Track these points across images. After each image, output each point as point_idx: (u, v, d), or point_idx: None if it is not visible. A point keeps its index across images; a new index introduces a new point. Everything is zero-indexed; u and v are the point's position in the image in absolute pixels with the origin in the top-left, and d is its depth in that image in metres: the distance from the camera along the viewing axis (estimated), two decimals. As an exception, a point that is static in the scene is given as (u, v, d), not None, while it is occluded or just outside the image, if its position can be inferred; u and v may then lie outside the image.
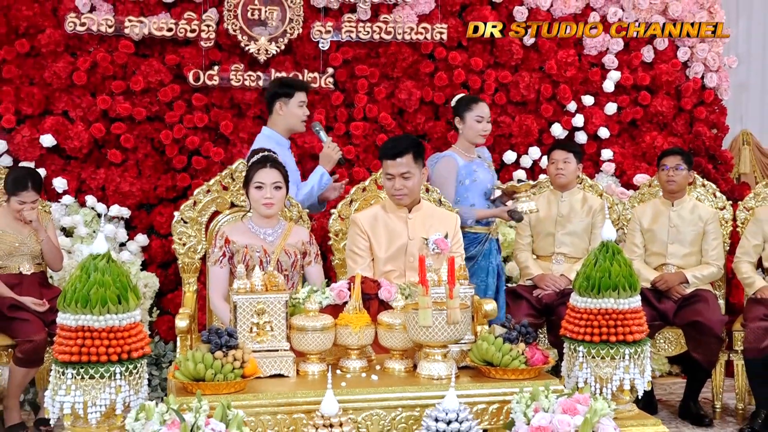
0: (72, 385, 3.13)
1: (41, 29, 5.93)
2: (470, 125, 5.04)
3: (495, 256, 5.15)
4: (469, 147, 5.15)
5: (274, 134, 5.11)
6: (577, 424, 3.13)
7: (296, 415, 3.28)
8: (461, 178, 5.06)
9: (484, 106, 5.13)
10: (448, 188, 5.00)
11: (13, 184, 5.10)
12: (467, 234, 4.89)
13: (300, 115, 5.13)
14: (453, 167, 5.05)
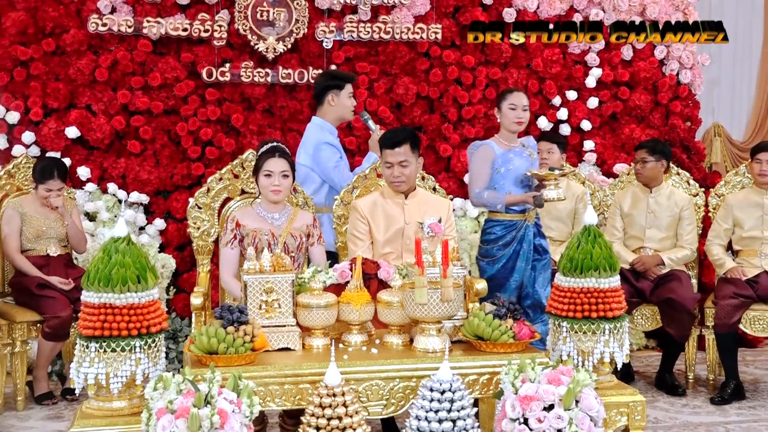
0: (95, 357, 3.13)
1: (66, 29, 5.92)
2: (505, 113, 4.81)
3: (530, 241, 4.81)
4: (510, 136, 4.88)
5: (325, 123, 5.11)
6: (560, 394, 3.14)
7: (302, 385, 3.29)
8: (497, 165, 4.81)
9: (517, 96, 4.85)
10: (481, 175, 4.82)
11: (40, 173, 5.12)
12: (503, 221, 4.79)
13: (349, 105, 5.15)
14: (489, 155, 4.82)
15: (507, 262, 4.75)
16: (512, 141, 4.88)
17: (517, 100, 4.80)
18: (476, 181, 4.82)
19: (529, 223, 4.81)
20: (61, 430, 4.53)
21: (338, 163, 5.03)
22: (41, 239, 5.15)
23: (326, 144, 5.01)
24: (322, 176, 5.01)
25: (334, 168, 5.00)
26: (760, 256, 5.26)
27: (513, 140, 4.89)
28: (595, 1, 6.69)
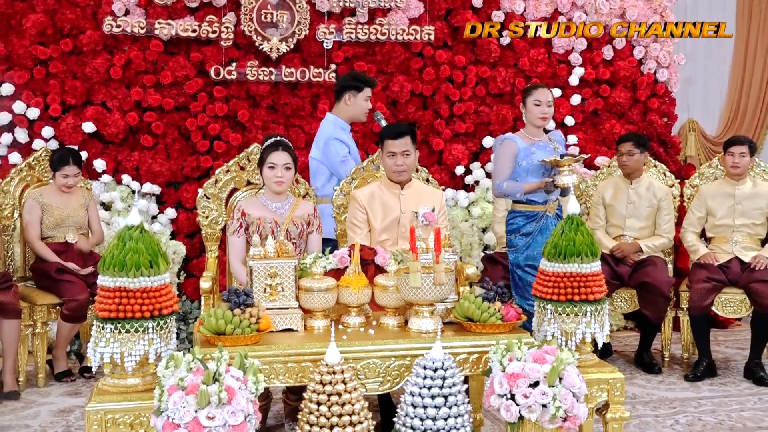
0: (111, 338, 3.13)
1: (83, 30, 5.90)
2: (530, 109, 4.74)
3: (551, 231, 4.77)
4: (534, 130, 4.82)
5: (338, 120, 5.10)
6: (545, 371, 3.14)
7: (304, 363, 3.29)
8: (519, 159, 4.73)
9: (542, 92, 4.77)
10: (504, 168, 4.76)
11: (57, 161, 5.15)
12: (524, 212, 4.74)
13: (364, 107, 5.13)
14: (511, 150, 4.76)
15: (526, 251, 4.70)
16: (537, 135, 4.80)
17: (541, 96, 4.74)
18: (498, 173, 4.74)
19: (549, 214, 4.72)
20: (79, 405, 4.54)
21: (345, 158, 5.01)
22: (60, 227, 5.15)
23: (336, 140, 5.00)
24: (330, 169, 5.03)
25: (341, 162, 4.99)
26: (731, 243, 5.27)
27: (538, 134, 4.81)
28: (578, 4, 6.68)
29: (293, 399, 4.14)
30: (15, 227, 5.25)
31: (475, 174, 6.48)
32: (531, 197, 4.73)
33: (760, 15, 7.96)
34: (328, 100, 6.23)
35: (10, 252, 5.25)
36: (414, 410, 3.13)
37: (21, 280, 5.21)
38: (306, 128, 6.21)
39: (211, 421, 2.86)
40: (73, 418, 4.37)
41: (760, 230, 5.30)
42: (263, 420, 4.01)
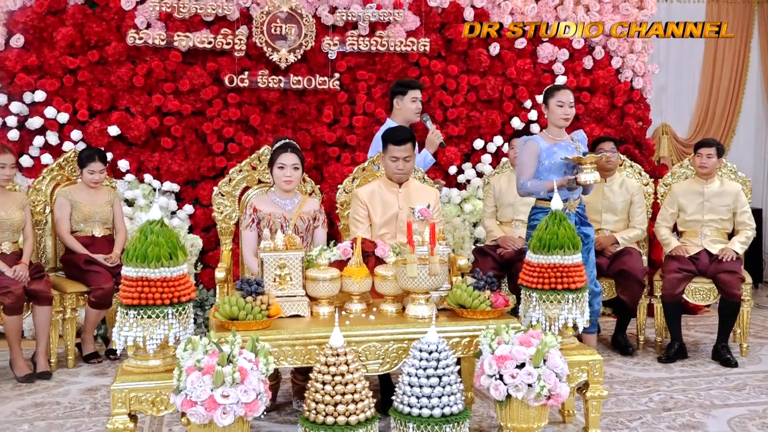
0: (134, 323, 3.13)
1: (108, 42, 5.89)
2: (552, 109, 4.45)
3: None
4: (556, 131, 4.51)
5: (392, 123, 5.00)
6: (531, 354, 3.15)
7: (310, 346, 3.30)
8: (542, 159, 4.45)
9: (564, 93, 4.46)
10: (526, 168, 4.48)
11: (84, 158, 5.18)
12: (545, 208, 4.30)
13: (413, 108, 5.04)
14: (534, 150, 4.47)
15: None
16: (559, 135, 4.53)
17: (564, 97, 4.45)
18: (522, 173, 4.48)
19: (569, 212, 4.44)
20: (105, 385, 4.54)
21: None
22: (88, 222, 5.15)
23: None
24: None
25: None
26: (701, 237, 5.26)
27: (560, 134, 4.53)
28: (561, 18, 6.65)
29: (300, 379, 4.14)
30: (47, 222, 5.25)
31: (466, 173, 6.47)
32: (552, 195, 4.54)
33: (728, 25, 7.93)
34: (332, 105, 6.24)
35: (42, 244, 5.25)
36: (411, 389, 3.14)
37: (52, 270, 5.21)
38: (312, 131, 6.20)
39: (225, 399, 2.86)
40: (99, 396, 4.37)
41: (726, 225, 5.30)
42: (273, 398, 4.01)
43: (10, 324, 4.61)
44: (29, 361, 4.77)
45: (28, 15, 5.74)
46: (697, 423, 3.94)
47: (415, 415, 3.09)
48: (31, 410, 4.15)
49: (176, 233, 3.30)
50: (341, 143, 6.30)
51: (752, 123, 8.21)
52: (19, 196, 4.96)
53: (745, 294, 5.14)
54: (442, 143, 5.06)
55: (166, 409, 3.17)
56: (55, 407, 4.20)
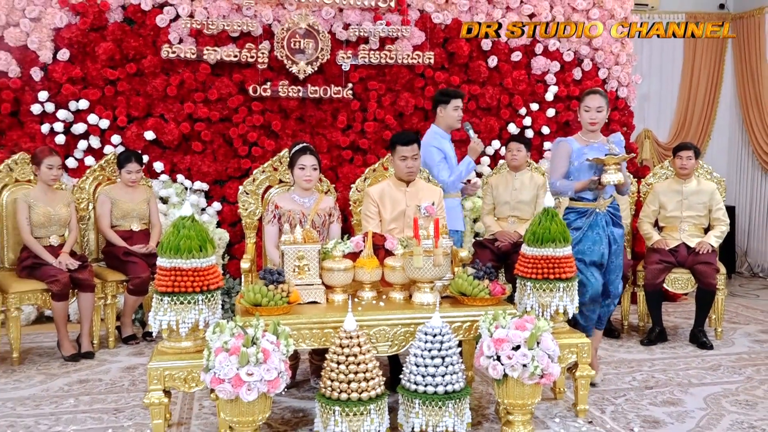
0: (168, 308, 3.14)
1: (144, 56, 5.90)
2: (581, 114, 4.11)
3: (603, 228, 4.05)
4: (589, 133, 4.15)
5: (438, 130, 4.90)
6: (525, 337, 3.14)
7: (326, 330, 3.30)
8: (572, 159, 4.12)
9: (591, 98, 4.09)
10: (558, 168, 4.16)
11: (123, 160, 5.21)
12: (576, 208, 4.11)
13: (455, 116, 4.83)
14: (564, 150, 4.15)
15: (577, 244, 4.01)
16: (593, 138, 4.16)
17: (591, 102, 4.08)
18: (553, 173, 4.19)
19: (599, 211, 4.07)
20: (142, 363, 4.55)
21: (440, 162, 4.81)
22: (126, 218, 5.17)
23: (433, 147, 4.81)
24: (429, 172, 4.79)
25: (436, 166, 4.80)
26: (680, 231, 5.24)
27: (594, 137, 4.16)
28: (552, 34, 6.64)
29: (317, 359, 4.14)
30: (89, 217, 5.27)
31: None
32: (582, 195, 4.09)
33: (704, 42, 7.92)
34: (346, 112, 6.23)
35: (86, 238, 5.27)
36: (417, 368, 3.13)
37: (94, 261, 5.23)
38: (328, 136, 6.19)
39: (250, 377, 2.87)
40: (137, 373, 4.38)
41: (703, 221, 5.27)
42: (293, 376, 4.02)
43: (58, 309, 4.63)
44: (74, 342, 4.79)
45: (73, 32, 5.75)
46: (676, 400, 3.92)
47: (421, 392, 3.09)
48: (76, 386, 4.17)
49: (206, 228, 3.31)
50: (354, 147, 6.29)
51: (726, 129, 8.19)
52: (65, 194, 4.98)
53: (719, 283, 5.12)
54: (483, 150, 4.85)
55: (196, 386, 3.18)
56: (98, 383, 4.22)
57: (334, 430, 3.03)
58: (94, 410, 3.76)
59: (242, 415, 2.95)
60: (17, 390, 4.10)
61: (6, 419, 3.64)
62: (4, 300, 4.52)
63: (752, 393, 4.04)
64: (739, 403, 3.87)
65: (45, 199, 4.79)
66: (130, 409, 3.76)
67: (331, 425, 3.03)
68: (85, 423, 3.58)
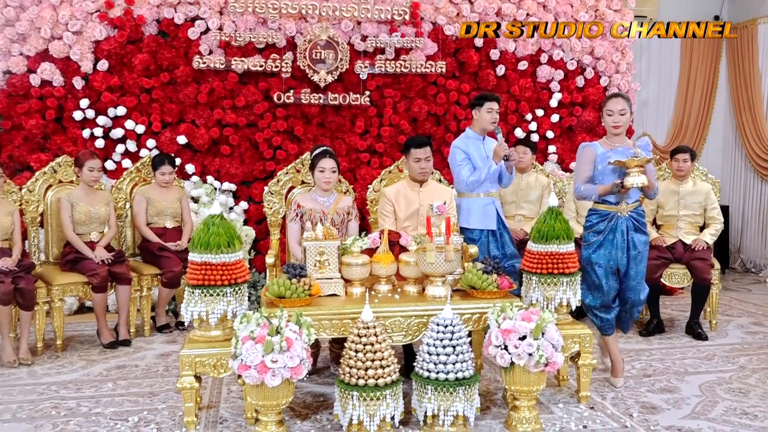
0: (199, 300, 3.16)
1: (177, 66, 5.93)
2: (604, 118, 3.85)
3: (623, 233, 3.80)
4: (614, 137, 3.85)
5: (471, 133, 4.63)
6: (531, 328, 3.13)
7: (345, 320, 3.30)
8: (597, 163, 3.84)
9: (613, 102, 3.82)
10: (582, 172, 3.90)
11: (157, 162, 5.23)
12: (599, 210, 3.85)
13: (488, 118, 4.51)
14: (588, 154, 3.87)
15: (598, 248, 3.81)
16: (618, 141, 3.85)
17: (613, 105, 3.81)
18: (577, 177, 3.94)
19: (621, 215, 3.79)
20: (175, 351, 4.58)
21: (461, 162, 4.55)
22: (160, 216, 5.19)
23: (456, 147, 4.60)
24: (452, 170, 4.66)
25: (457, 165, 4.58)
26: (676, 229, 5.19)
27: (619, 141, 3.86)
28: (557, 44, 6.60)
29: (337, 347, 4.14)
30: (126, 215, 5.30)
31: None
32: (605, 198, 3.82)
33: (700, 51, 7.85)
34: (363, 118, 6.23)
35: (123, 234, 5.30)
36: (429, 357, 3.13)
37: (131, 256, 5.26)
38: (347, 140, 6.20)
39: (274, 363, 2.87)
40: (170, 360, 4.40)
41: (698, 219, 5.22)
42: (314, 363, 4.02)
43: (97, 300, 4.66)
44: (113, 331, 4.83)
45: (111, 44, 5.79)
46: (673, 387, 3.89)
47: (433, 379, 3.08)
48: (114, 371, 4.20)
49: (233, 225, 3.32)
50: (371, 150, 6.29)
51: (720, 132, 8.11)
52: (104, 194, 5.01)
53: (714, 278, 5.07)
54: (507, 156, 4.44)
55: (225, 372, 3.19)
56: (134, 369, 4.24)
57: (352, 414, 3.03)
58: (131, 394, 3.78)
59: (267, 399, 2.95)
60: (60, 374, 4.14)
61: (51, 401, 3.67)
62: (49, 291, 4.56)
63: (745, 381, 4.00)
64: (732, 391, 3.83)
65: (86, 198, 4.82)
66: (164, 393, 3.78)
67: (349, 409, 3.03)
68: (123, 405, 3.60)
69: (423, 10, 6.25)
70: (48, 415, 3.46)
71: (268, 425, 3.03)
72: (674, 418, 3.42)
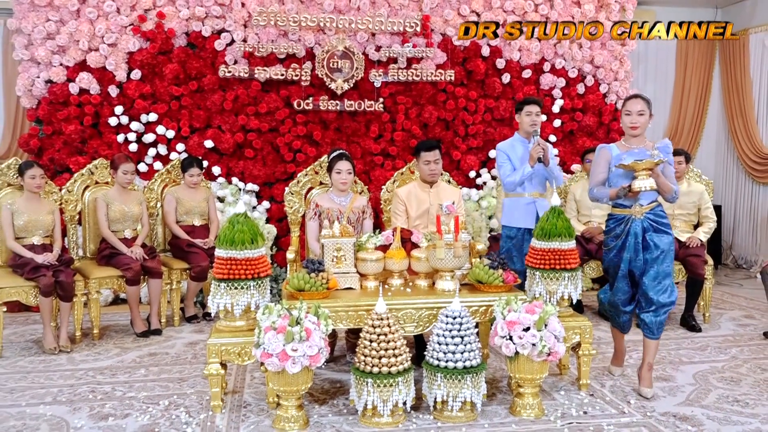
0: (224, 292, 3.17)
1: (204, 75, 5.95)
2: (622, 118, 3.55)
3: (635, 235, 3.48)
4: (631, 139, 3.53)
5: (516, 136, 4.49)
6: (534, 319, 3.11)
7: (360, 312, 3.30)
8: (611, 165, 3.54)
9: (632, 102, 3.51)
10: (597, 174, 3.60)
11: (186, 165, 5.25)
12: (615, 215, 3.55)
13: (528, 121, 4.33)
14: (603, 155, 3.57)
15: (617, 252, 3.54)
16: (635, 143, 3.53)
17: (631, 106, 3.50)
18: (592, 179, 3.62)
19: (635, 218, 3.47)
20: (203, 340, 4.60)
21: (501, 164, 4.43)
22: (189, 214, 5.21)
23: (498, 149, 4.48)
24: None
25: (499, 166, 4.46)
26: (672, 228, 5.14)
27: (637, 142, 3.53)
28: (559, 53, 6.56)
29: (352, 337, 4.14)
30: (158, 214, 5.32)
31: (483, 177, 6.42)
32: (620, 201, 3.52)
33: (694, 59, 7.78)
34: (377, 123, 6.23)
35: (155, 231, 5.32)
36: (439, 346, 3.12)
37: (162, 252, 5.28)
38: (362, 144, 6.19)
39: (294, 352, 2.88)
40: (198, 348, 4.42)
41: (693, 218, 5.18)
42: (331, 352, 4.03)
43: (131, 292, 4.69)
44: (145, 321, 4.85)
45: (143, 55, 5.82)
46: (668, 376, 3.86)
47: (443, 367, 3.08)
48: (146, 358, 4.23)
49: (256, 223, 3.33)
50: (384, 153, 6.28)
51: (714, 136, 8.03)
52: (137, 194, 5.03)
53: (707, 273, 5.02)
54: (540, 158, 4.23)
55: (248, 360, 3.20)
56: (165, 356, 4.27)
57: (367, 399, 3.03)
58: (162, 379, 3.81)
59: (288, 385, 2.96)
60: (97, 361, 4.17)
61: (88, 385, 3.70)
62: (86, 284, 4.59)
63: (736, 371, 3.96)
64: (724, 380, 3.79)
65: (120, 198, 4.85)
66: (192, 379, 3.80)
67: (364, 395, 3.03)
68: (154, 390, 3.62)
69: (433, 22, 6.23)
70: (85, 399, 3.49)
71: (288, 409, 3.03)
72: (669, 405, 3.39)
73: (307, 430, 3.02)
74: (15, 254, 4.44)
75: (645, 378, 3.59)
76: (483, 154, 6.47)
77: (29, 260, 4.34)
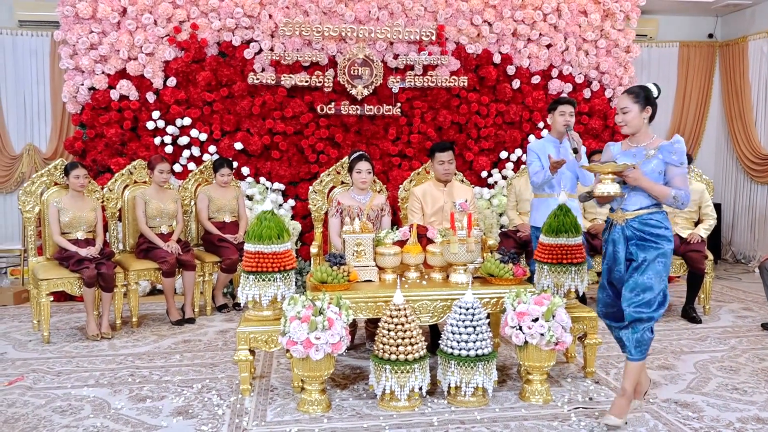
0: (253, 284, 3.18)
1: (234, 82, 5.97)
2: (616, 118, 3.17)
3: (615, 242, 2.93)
4: (632, 137, 3.00)
5: (547, 136, 4.33)
6: (543, 311, 3.09)
7: (379, 303, 3.30)
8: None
9: (618, 100, 3.04)
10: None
11: (217, 165, 5.28)
12: (607, 219, 3.04)
13: (560, 121, 4.13)
14: (606, 153, 3.08)
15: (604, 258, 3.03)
16: (637, 141, 2.99)
17: (617, 103, 3.01)
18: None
19: (616, 223, 2.93)
20: (232, 328, 4.62)
21: (530, 163, 4.25)
22: (220, 211, 5.23)
23: (529, 148, 4.32)
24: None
25: (529, 164, 4.29)
26: (673, 225, 5.07)
27: (639, 141, 2.99)
28: (566, 60, 6.49)
29: (372, 327, 4.14)
30: (191, 211, 5.35)
31: (494, 177, 6.37)
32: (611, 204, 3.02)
33: (695, 67, 7.67)
34: (395, 127, 6.21)
35: (188, 227, 5.36)
36: (453, 336, 3.11)
37: (195, 246, 5.31)
38: (380, 146, 6.18)
39: (318, 340, 2.88)
40: (228, 336, 4.45)
41: (693, 215, 5.11)
42: (352, 340, 4.02)
43: (167, 284, 4.72)
44: (180, 310, 4.89)
45: (178, 63, 5.86)
46: (670, 365, 3.80)
47: (456, 355, 3.07)
48: (181, 345, 4.26)
49: (282, 220, 3.34)
50: (402, 154, 6.26)
51: (714, 138, 7.92)
52: (172, 192, 5.07)
53: (707, 268, 4.96)
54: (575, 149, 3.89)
55: (275, 347, 3.21)
56: (198, 343, 4.30)
57: (385, 385, 3.02)
58: (195, 364, 3.83)
59: (311, 371, 2.97)
60: (136, 347, 4.21)
61: (128, 369, 3.74)
62: (126, 276, 4.64)
63: (735, 360, 3.90)
64: (724, 369, 3.73)
65: (157, 196, 4.89)
66: (223, 364, 3.82)
67: (382, 381, 3.03)
68: (188, 374, 3.65)
69: (447, 31, 6.20)
70: (125, 382, 3.53)
71: (312, 393, 3.04)
72: (671, 392, 3.34)
73: (330, 413, 3.03)
74: (61, 248, 4.50)
75: (615, 404, 2.87)
76: (494, 155, 6.42)
77: (74, 254, 4.40)
